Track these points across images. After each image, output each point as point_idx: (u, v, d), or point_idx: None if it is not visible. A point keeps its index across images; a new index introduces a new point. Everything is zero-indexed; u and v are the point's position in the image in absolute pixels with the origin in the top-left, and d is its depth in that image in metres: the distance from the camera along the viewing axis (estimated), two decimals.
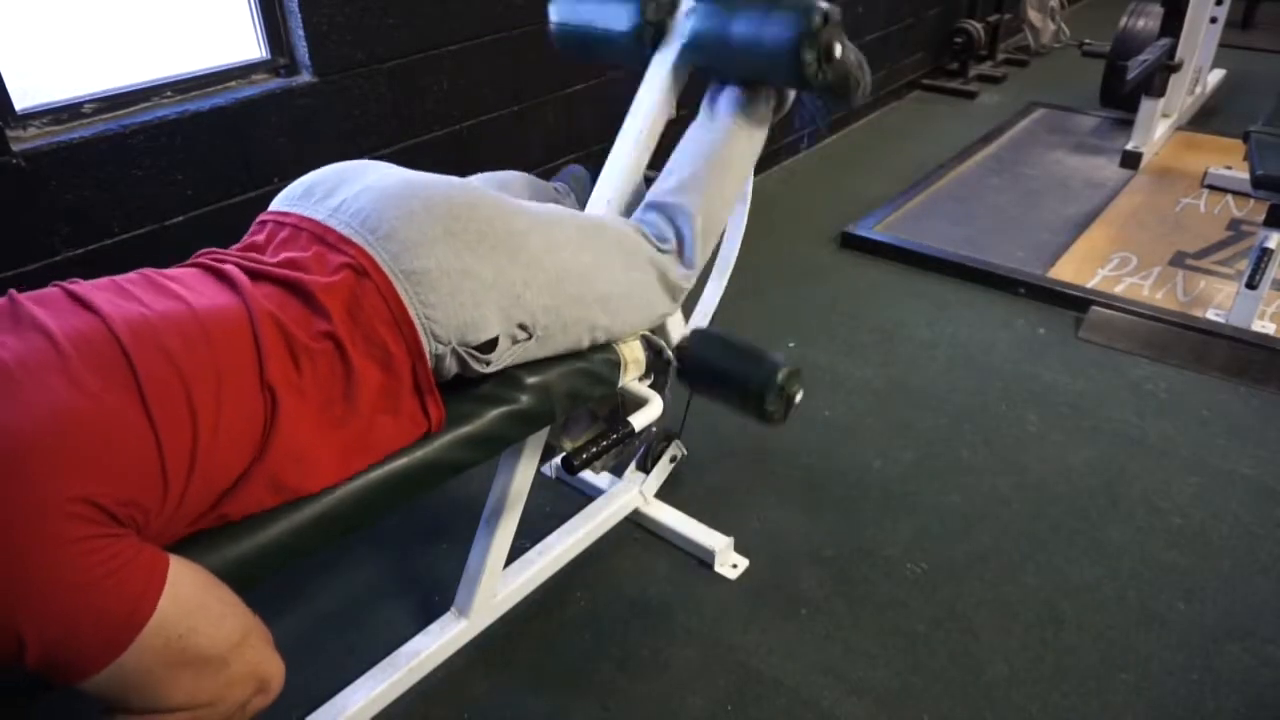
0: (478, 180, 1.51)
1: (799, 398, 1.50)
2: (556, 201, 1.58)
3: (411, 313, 1.02)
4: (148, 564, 0.80)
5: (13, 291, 0.90)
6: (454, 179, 1.17)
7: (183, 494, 0.85)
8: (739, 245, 1.76)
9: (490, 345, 1.10)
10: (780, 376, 1.43)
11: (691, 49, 1.41)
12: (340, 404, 0.98)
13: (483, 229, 1.10)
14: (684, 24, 1.42)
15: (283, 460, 0.93)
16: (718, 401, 1.55)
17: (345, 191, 1.10)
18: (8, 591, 0.72)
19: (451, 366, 1.09)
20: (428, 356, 1.05)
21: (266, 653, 0.91)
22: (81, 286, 0.92)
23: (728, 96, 1.46)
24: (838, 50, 1.29)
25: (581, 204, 1.62)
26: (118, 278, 0.96)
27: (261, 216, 1.14)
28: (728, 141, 1.43)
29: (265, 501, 0.94)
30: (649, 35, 1.45)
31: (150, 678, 0.80)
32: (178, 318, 0.89)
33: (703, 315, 1.78)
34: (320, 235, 1.05)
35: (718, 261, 1.78)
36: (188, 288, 0.95)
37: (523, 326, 1.13)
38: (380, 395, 1.01)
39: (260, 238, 1.10)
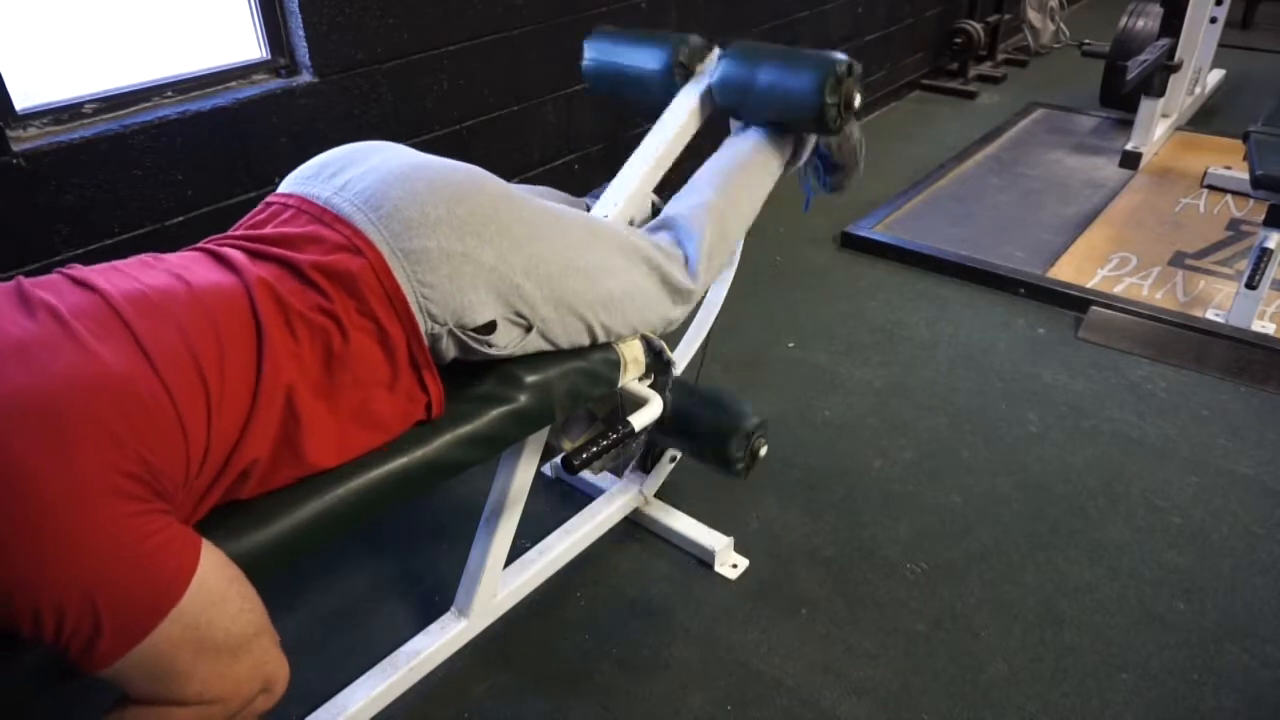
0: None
1: (764, 452, 1.55)
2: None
3: (406, 292, 1.03)
4: (181, 546, 0.81)
5: (20, 278, 0.91)
6: (463, 164, 1.16)
7: (202, 461, 0.86)
8: (724, 295, 1.79)
9: (489, 328, 1.10)
10: (747, 428, 1.49)
11: (719, 89, 1.48)
12: (338, 374, 0.98)
13: (488, 214, 1.10)
14: (713, 68, 1.49)
15: (287, 427, 0.94)
16: (684, 451, 1.60)
17: (352, 171, 1.11)
18: (52, 567, 0.73)
19: (449, 349, 1.10)
20: (423, 334, 1.05)
21: (274, 653, 0.91)
22: (81, 271, 0.93)
23: (751, 134, 1.52)
24: (857, 101, 1.39)
25: None
26: (117, 262, 0.98)
27: (268, 198, 1.14)
28: (745, 171, 1.47)
29: (272, 477, 0.94)
30: (680, 76, 1.53)
31: (163, 667, 0.81)
32: (173, 291, 0.91)
33: (680, 360, 1.76)
34: (318, 215, 1.06)
35: (699, 313, 1.79)
36: (184, 268, 0.97)
37: (520, 315, 1.13)
38: (377, 369, 1.02)
39: (262, 217, 1.10)
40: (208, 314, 0.90)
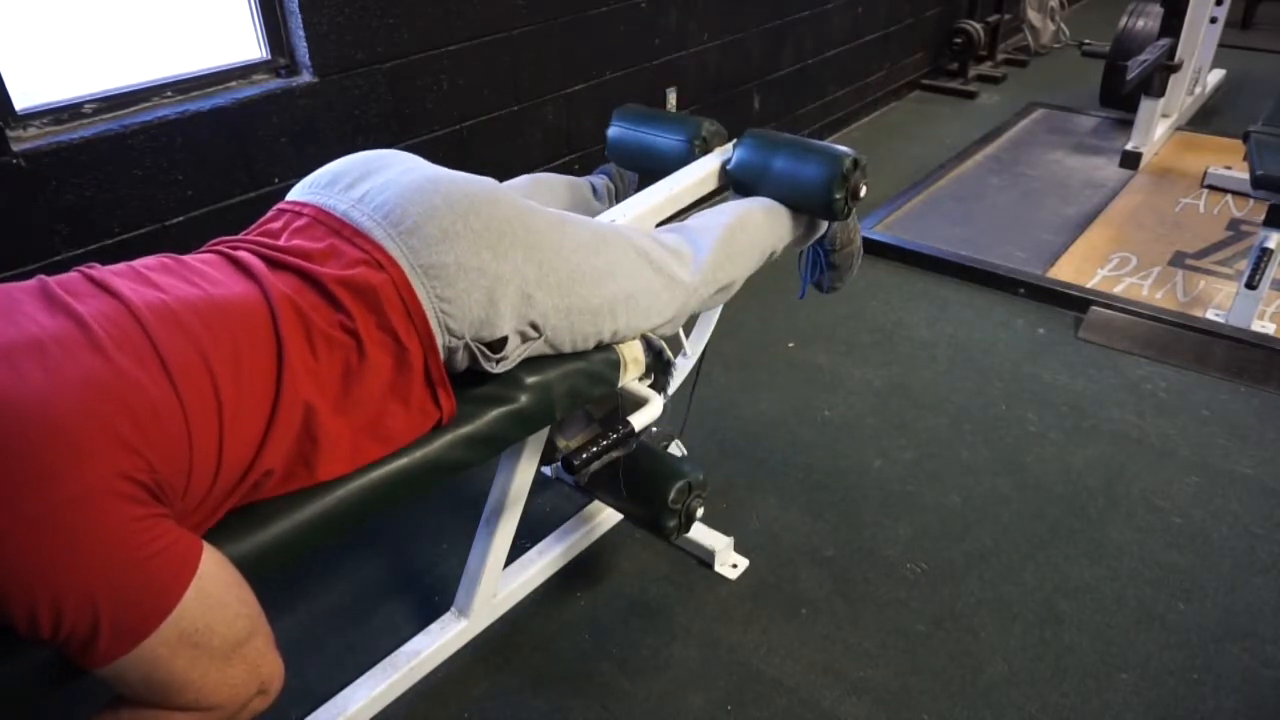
0: (519, 182, 1.61)
1: (700, 514, 1.46)
2: (591, 199, 1.70)
3: (426, 308, 1.03)
4: (182, 550, 0.81)
5: (43, 277, 0.91)
6: (477, 176, 1.17)
7: (215, 472, 0.86)
8: (706, 341, 1.82)
9: (500, 344, 1.11)
10: (675, 490, 1.39)
11: (735, 170, 1.59)
12: (355, 390, 0.98)
13: (502, 227, 1.11)
14: (731, 149, 1.61)
15: (303, 444, 0.94)
16: (616, 509, 1.60)
17: (369, 183, 1.11)
18: (53, 566, 0.73)
19: (464, 360, 1.10)
20: (440, 350, 1.06)
21: (270, 655, 0.91)
22: (101, 271, 0.93)
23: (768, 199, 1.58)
24: (863, 191, 1.52)
25: (621, 197, 1.69)
26: (135, 263, 0.97)
27: (280, 205, 1.14)
28: (763, 218, 1.52)
29: (282, 487, 0.95)
30: (700, 150, 1.64)
31: (159, 670, 0.81)
32: (196, 303, 0.90)
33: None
34: (337, 229, 1.06)
35: (692, 333, 1.81)
36: (205, 275, 0.96)
37: (534, 325, 1.14)
38: (392, 385, 1.02)
39: (276, 224, 1.10)
40: (228, 327, 0.90)
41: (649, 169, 1.71)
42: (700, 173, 1.59)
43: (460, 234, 1.06)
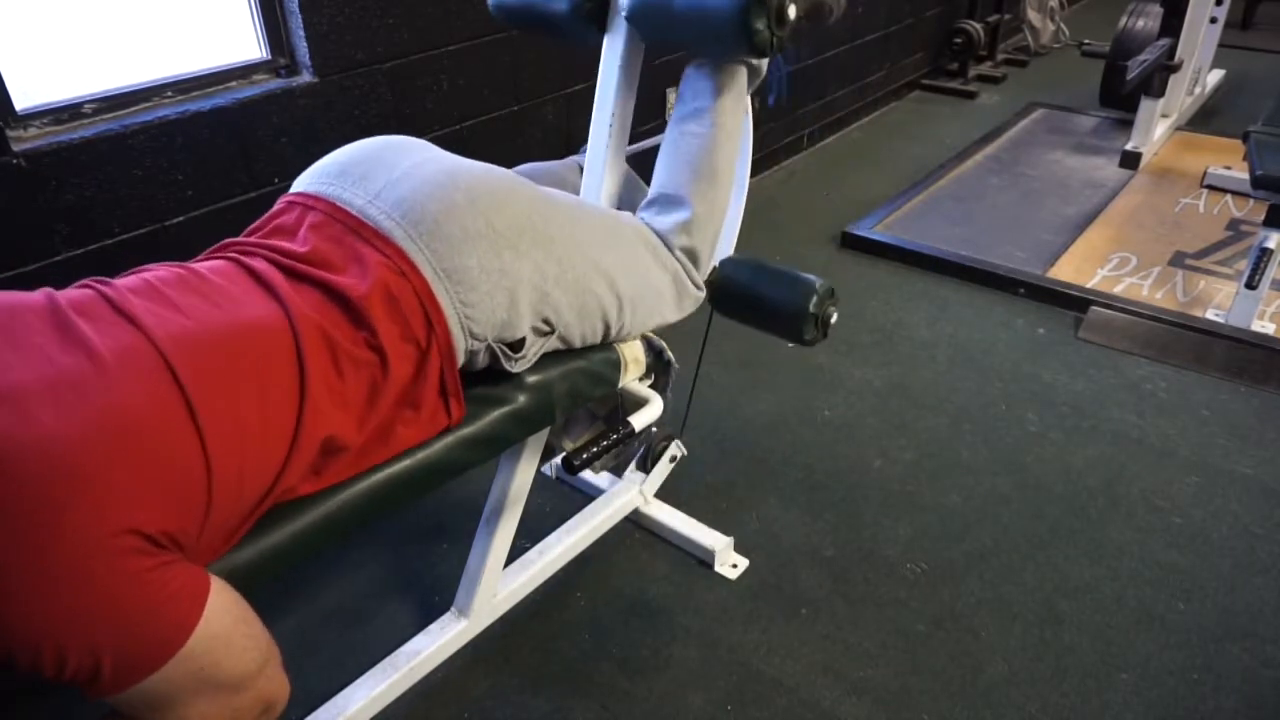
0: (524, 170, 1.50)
1: (834, 318, 1.43)
2: (578, 181, 1.55)
3: (449, 313, 1.01)
4: (189, 595, 0.80)
5: (51, 293, 0.86)
6: (492, 166, 1.14)
7: (229, 509, 0.85)
8: (749, 170, 1.65)
9: (520, 344, 1.10)
10: (814, 299, 1.37)
11: (634, 21, 1.31)
12: (378, 403, 0.97)
13: (523, 223, 1.08)
14: None
15: (315, 463, 0.93)
16: (752, 325, 1.48)
17: (382, 175, 1.06)
18: (57, 618, 0.72)
19: (484, 360, 1.09)
20: (459, 355, 1.04)
21: (278, 678, 0.90)
22: (116, 289, 0.88)
23: (698, 79, 1.38)
24: (791, 11, 1.18)
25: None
26: (149, 275, 0.92)
27: (288, 197, 1.09)
28: (710, 139, 1.35)
29: (290, 494, 0.94)
30: (586, 10, 1.36)
31: (167, 699, 0.80)
32: (219, 328, 0.87)
33: (727, 243, 1.71)
34: (355, 228, 1.01)
35: (735, 184, 1.62)
36: (224, 293, 0.92)
37: (546, 321, 1.13)
38: (408, 392, 1.00)
39: (288, 219, 1.05)
40: (250, 354, 0.87)
41: (547, 38, 1.44)
42: (614, 76, 1.38)
43: (482, 233, 1.03)
